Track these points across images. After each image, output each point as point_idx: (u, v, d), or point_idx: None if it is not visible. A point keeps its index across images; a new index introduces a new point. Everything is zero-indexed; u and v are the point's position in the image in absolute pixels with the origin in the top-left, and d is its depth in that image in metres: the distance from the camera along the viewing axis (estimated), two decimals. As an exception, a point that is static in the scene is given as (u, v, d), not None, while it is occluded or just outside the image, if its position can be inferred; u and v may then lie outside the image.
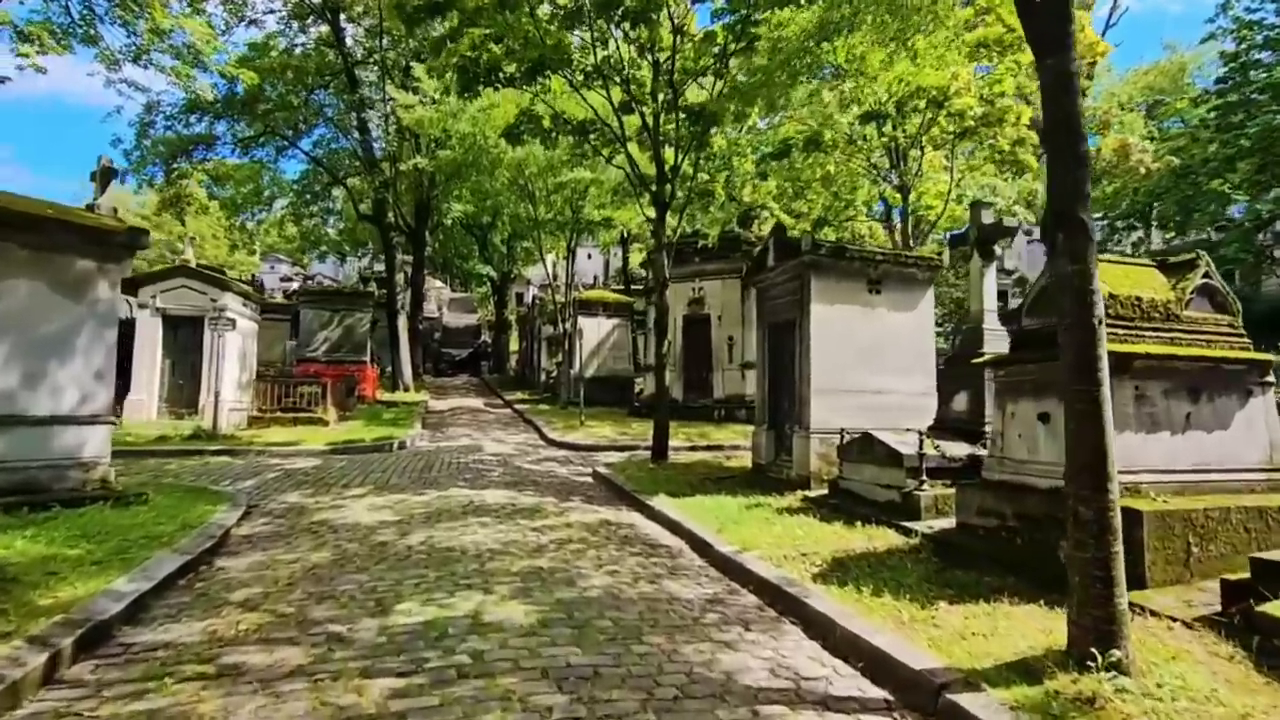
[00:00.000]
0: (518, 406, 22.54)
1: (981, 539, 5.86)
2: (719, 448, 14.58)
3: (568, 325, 21.75)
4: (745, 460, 11.77)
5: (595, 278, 38.48)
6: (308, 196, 29.74)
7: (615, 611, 4.55)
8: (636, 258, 42.00)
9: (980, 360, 6.47)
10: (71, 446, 6.65)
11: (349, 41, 25.78)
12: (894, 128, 12.33)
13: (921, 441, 6.99)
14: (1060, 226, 3.71)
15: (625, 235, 39.40)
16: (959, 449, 7.46)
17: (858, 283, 9.44)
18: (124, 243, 6.89)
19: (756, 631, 4.37)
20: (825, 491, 8.50)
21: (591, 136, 10.78)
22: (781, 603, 4.87)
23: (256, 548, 6.02)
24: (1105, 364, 3.65)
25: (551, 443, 15.02)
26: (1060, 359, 3.81)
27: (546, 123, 10.18)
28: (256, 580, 5.06)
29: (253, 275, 40.52)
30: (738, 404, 18.95)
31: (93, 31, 19.17)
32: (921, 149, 12.38)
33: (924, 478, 6.98)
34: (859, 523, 6.95)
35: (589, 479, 10.65)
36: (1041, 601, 4.59)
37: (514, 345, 44.81)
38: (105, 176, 7.12)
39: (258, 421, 14.83)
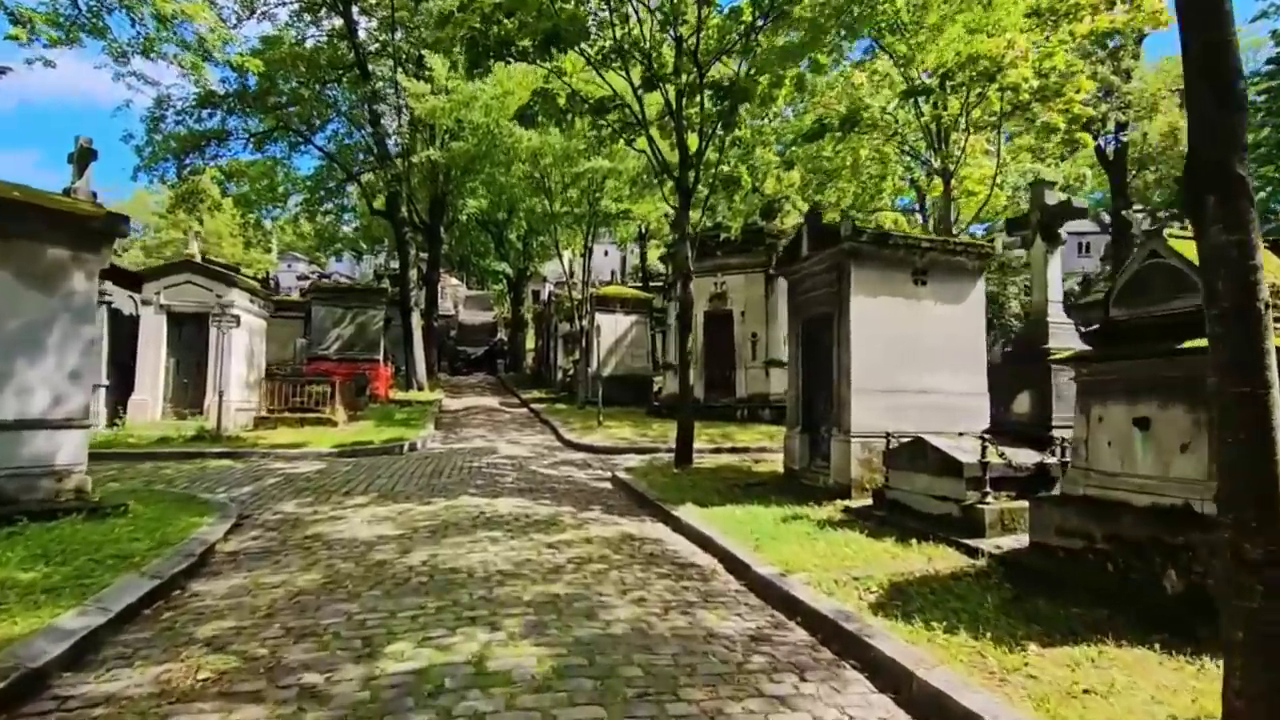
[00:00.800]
0: (534, 406, 21.92)
1: (1063, 563, 5.08)
2: (744, 450, 13.83)
3: (585, 322, 21.08)
4: (775, 465, 11.02)
5: (612, 273, 37.76)
6: (321, 193, 29.38)
7: (644, 654, 3.83)
8: (654, 254, 41.31)
9: (1060, 357, 5.66)
10: (42, 453, 6.08)
11: (361, 35, 25.35)
12: (936, 105, 11.45)
13: (984, 448, 6.19)
14: (1211, 185, 2.91)
15: (643, 230, 38.75)
16: (1025, 457, 6.65)
17: (901, 273, 8.64)
18: (101, 229, 6.31)
19: (814, 681, 3.64)
20: (869, 502, 7.72)
21: (610, 116, 10.06)
22: (838, 641, 4.13)
23: (240, 568, 5.39)
24: (1275, 360, 2.86)
25: (569, 444, 14.35)
26: (1211, 355, 3.01)
27: (562, 101, 9.47)
28: (232, 610, 4.41)
29: (267, 273, 40.37)
30: (761, 403, 18.17)
31: (100, 23, 18.90)
32: (967, 129, 11.49)
33: (987, 489, 6.19)
34: (913, 539, 6.18)
35: (609, 485, 9.95)
36: (1154, 645, 3.81)
37: (530, 343, 44.28)
38: (83, 158, 6.53)
39: (264, 422, 14.33)
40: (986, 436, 6.21)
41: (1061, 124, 10.71)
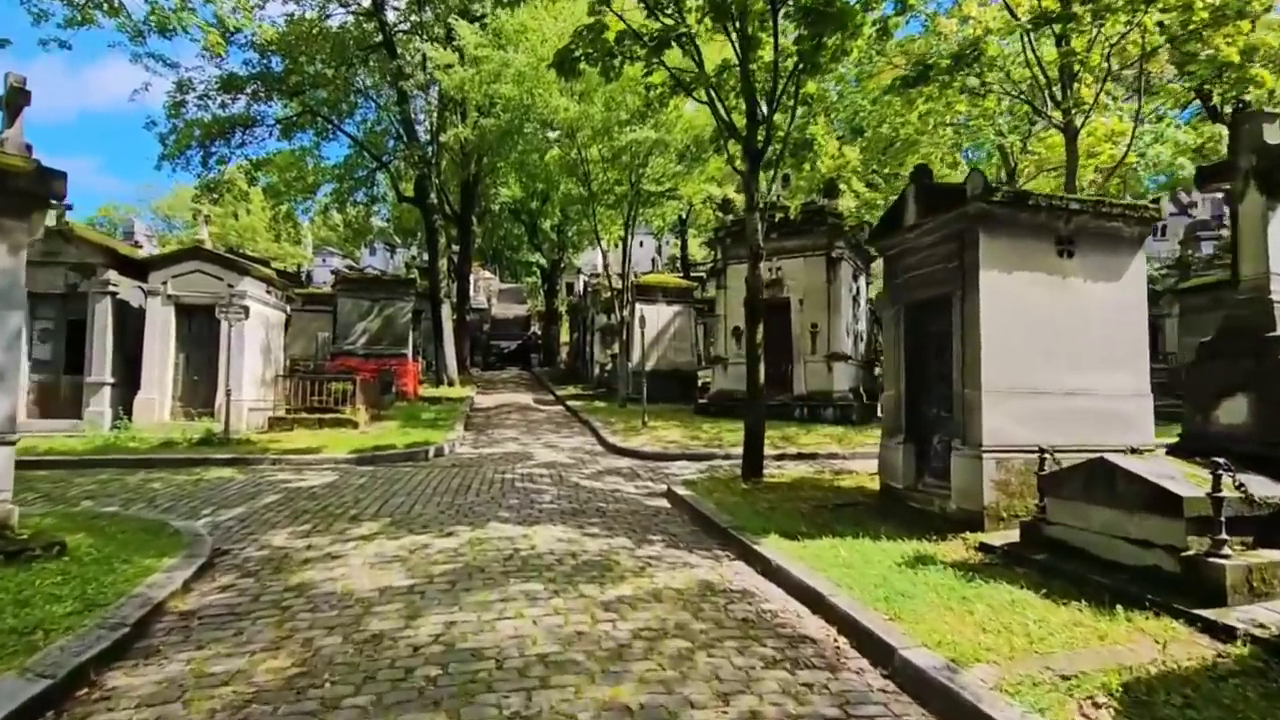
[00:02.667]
0: (570, 403, 20.44)
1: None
2: (812, 457, 12.10)
3: (625, 313, 19.46)
4: (862, 479, 9.26)
5: (653, 262, 35.99)
6: (351, 181, 28.39)
7: None
8: (695, 243, 39.52)
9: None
10: (-54, 479, 4.72)
11: (390, 16, 24.11)
12: (1064, 43, 9.44)
13: (1218, 476, 4.37)
14: None
15: (683, 217, 36.96)
16: (1263, 487, 4.81)
17: (1042, 242, 6.80)
18: (28, 189, 4.90)
19: None
20: (1012, 538, 5.95)
21: (669, 56, 8.37)
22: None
23: (187, 643, 3.92)
24: None
25: (612, 449, 12.78)
26: None
27: (610, 36, 7.81)
28: (142, 736, 2.91)
29: (298, 266, 39.86)
30: (823, 401, 16.33)
31: (114, 3, 17.91)
32: (1107, 74, 9.38)
33: (1223, 535, 4.37)
34: (1108, 603, 4.42)
35: (665, 503, 8.34)
36: None
37: (564, 337, 42.96)
38: (13, 100, 5.12)
39: (280, 423, 13.08)
40: (1222, 462, 4.40)
41: (1235, 57, 8.58)
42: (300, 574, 5.07)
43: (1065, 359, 6.72)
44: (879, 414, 18.53)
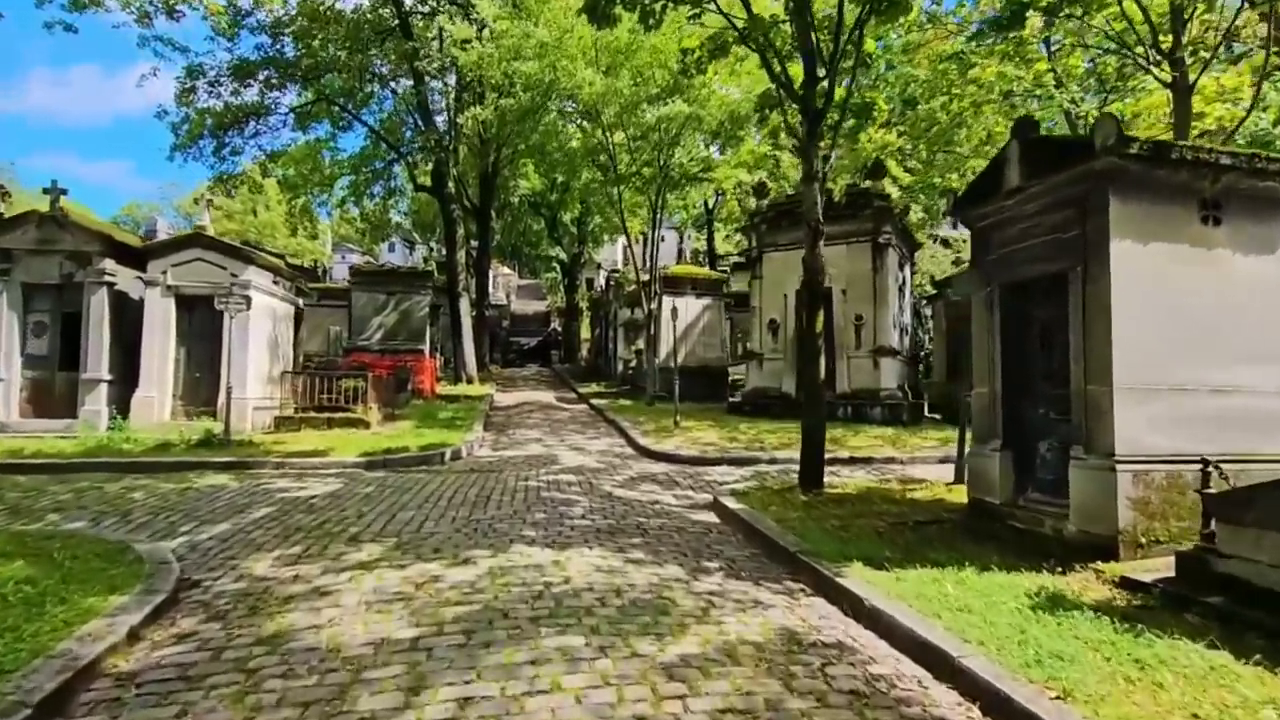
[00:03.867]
0: (594, 402, 19.38)
1: None
2: (866, 462, 10.92)
3: (653, 306, 18.34)
4: (936, 490, 8.09)
5: (680, 253, 34.76)
6: (367, 173, 27.61)
7: None
8: (719, 236, 38.28)
9: None
10: None
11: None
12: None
13: None
14: None
15: (709, 208, 35.74)
16: None
17: (1183, 208, 5.58)
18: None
19: None
20: (1164, 570, 4.76)
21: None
22: None
23: (109, 729, 2.89)
24: None
25: (644, 452, 11.68)
26: None
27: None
28: None
29: (315, 261, 39.29)
30: (869, 400, 15.08)
31: (119, -17, 17.15)
32: (1235, 17, 8.07)
33: None
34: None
35: (712, 516, 7.23)
36: None
37: (585, 333, 41.98)
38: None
39: (286, 423, 12.18)
40: None
41: None
42: (279, 618, 4.04)
43: (1213, 349, 5.49)
44: (928, 413, 17.36)
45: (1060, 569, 5.14)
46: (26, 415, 11.76)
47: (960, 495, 7.76)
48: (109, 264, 11.90)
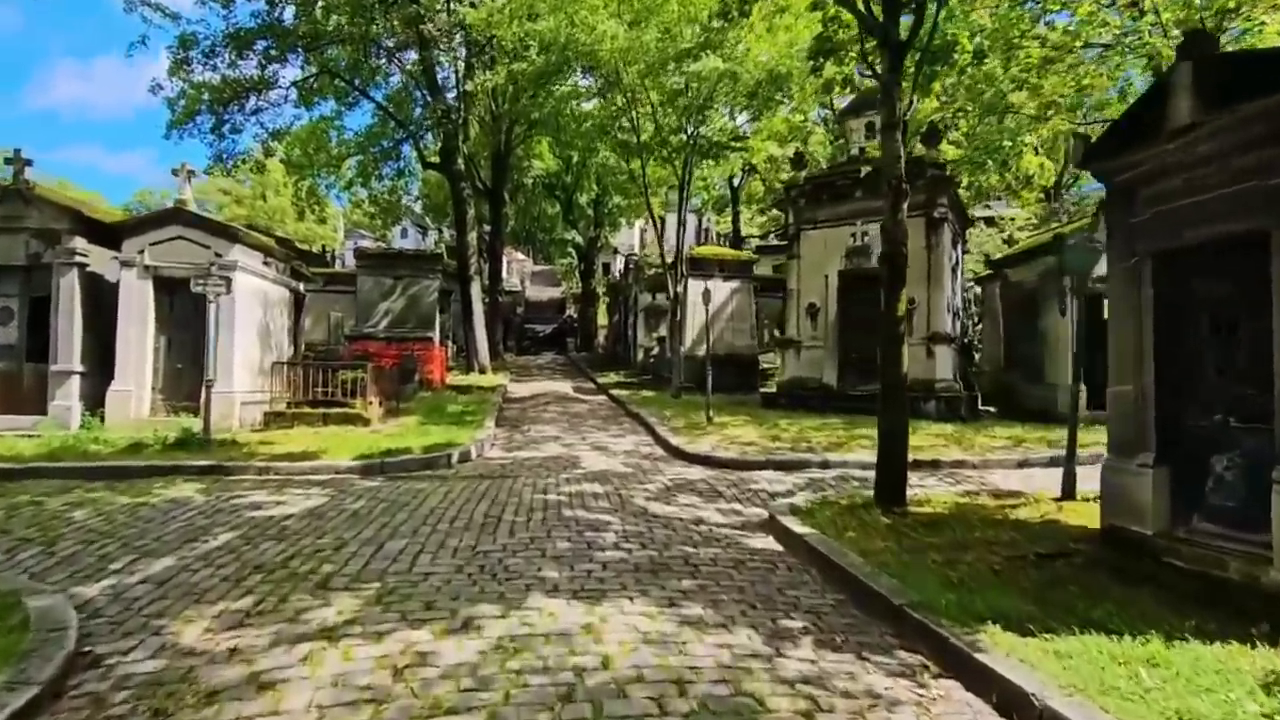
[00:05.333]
0: (615, 393, 18.05)
1: None
2: (933, 466, 9.54)
3: (679, 289, 16.90)
4: (1044, 508, 6.67)
5: (705, 234, 33.15)
6: (376, 153, 26.32)
7: None
8: (745, 217, 36.66)
9: None
10: None
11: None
12: None
13: None
14: None
15: (734, 186, 34.07)
16: None
17: None
18: None
19: None
20: None
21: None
22: None
23: None
24: None
25: (676, 453, 10.34)
26: None
27: None
28: None
29: (324, 247, 38.18)
30: (923, 393, 13.56)
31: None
32: None
33: None
34: None
35: (773, 541, 5.88)
36: None
37: (602, 319, 40.64)
38: None
39: (278, 420, 10.97)
40: None
41: None
42: (187, 734, 2.74)
43: None
44: (981, 406, 15.84)
45: (1266, 635, 3.75)
46: (-8, 411, 10.65)
47: (1077, 516, 6.35)
48: (79, 243, 10.70)
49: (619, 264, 45.97)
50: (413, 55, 21.84)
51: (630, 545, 5.49)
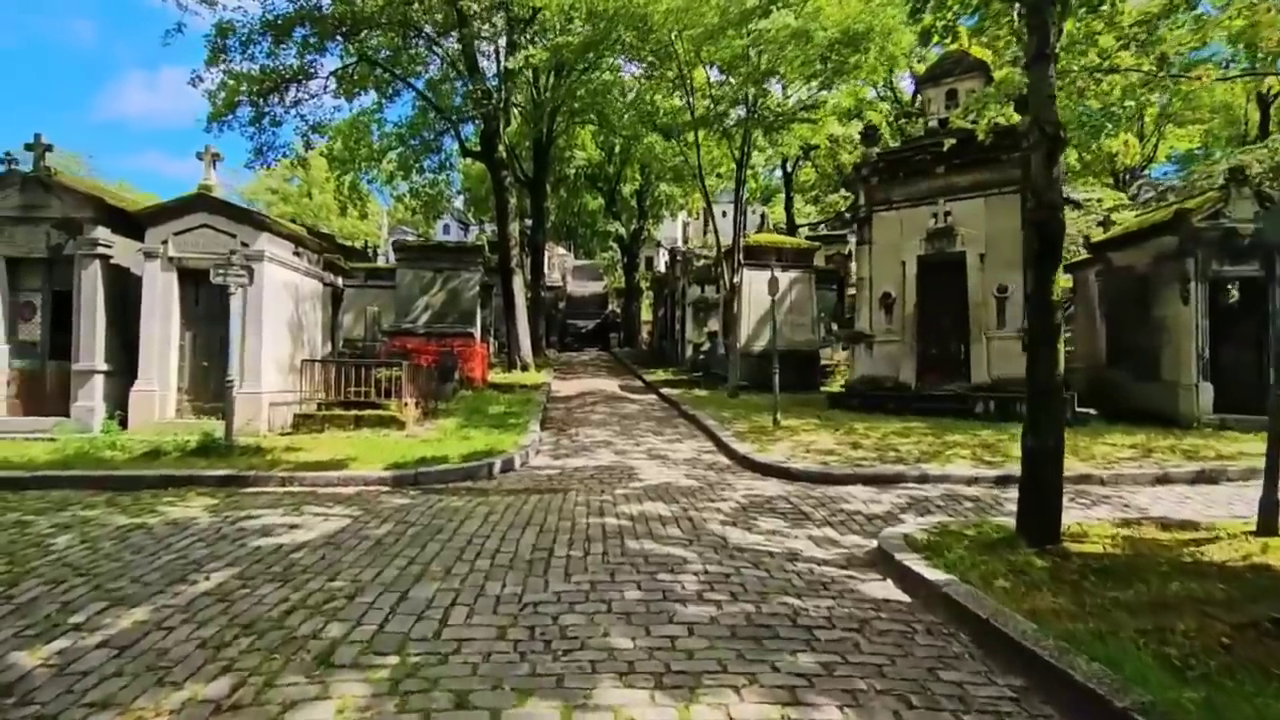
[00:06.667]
0: (665, 391, 16.87)
1: None
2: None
3: (735, 279, 15.58)
4: (1239, 544, 5.19)
5: (764, 220, 31.76)
6: (416, 145, 25.71)
7: None
8: (800, 201, 34.98)
9: None
10: None
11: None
12: None
13: None
14: None
15: (788, 171, 32.49)
16: None
17: None
18: None
19: None
20: None
21: None
22: None
23: None
24: None
25: (745, 462, 9.10)
26: None
27: None
28: None
29: (366, 242, 38.00)
30: (1019, 392, 11.94)
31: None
32: None
33: None
34: None
35: (894, 589, 4.62)
36: None
37: (646, 314, 39.51)
38: None
39: (307, 422, 10.14)
40: None
41: None
42: None
43: None
44: (1079, 408, 14.09)
45: None
46: (15, 412, 10.09)
47: (1291, 558, 4.89)
48: (102, 233, 10.04)
49: (663, 257, 44.78)
50: (453, 41, 21.07)
51: (718, 595, 4.30)
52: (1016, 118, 12.69)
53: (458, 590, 4.24)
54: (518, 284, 21.05)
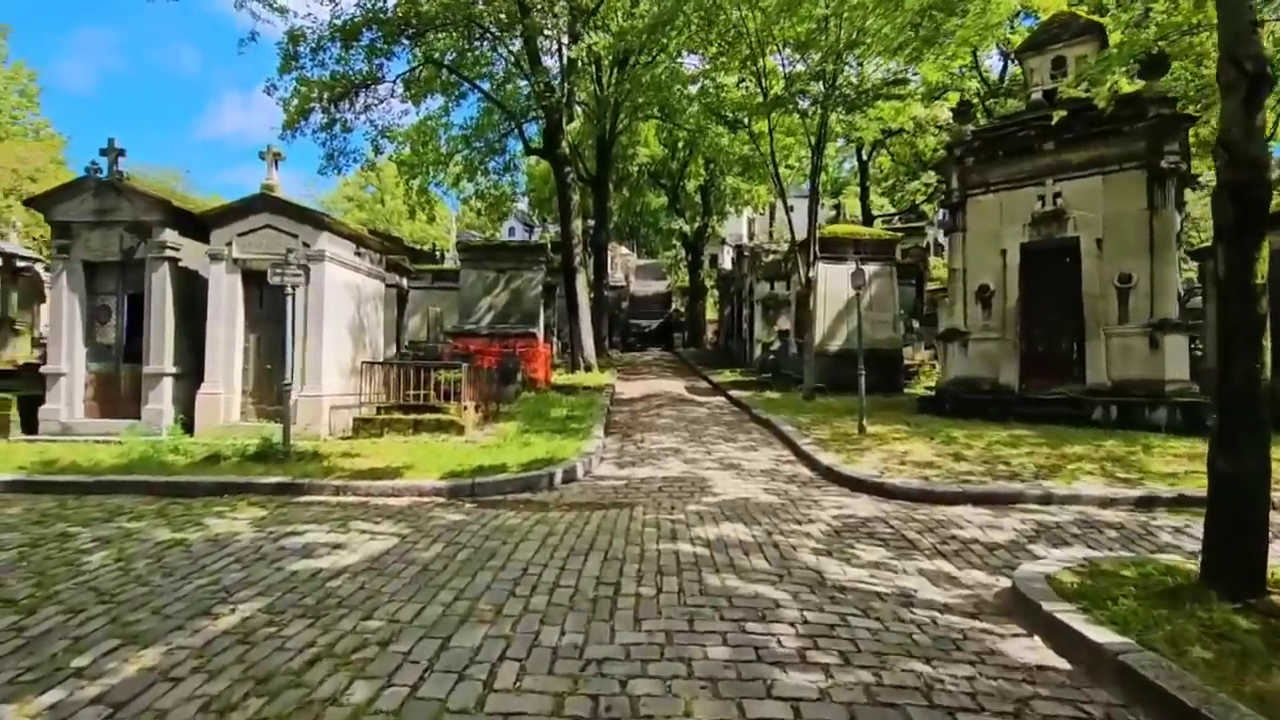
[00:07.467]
0: (734, 394, 15.96)
1: None
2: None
3: (811, 274, 14.52)
4: None
5: (840, 210, 30.35)
6: (480, 146, 25.73)
7: None
8: (871, 198, 33.23)
9: None
10: None
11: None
12: None
13: None
14: None
15: (863, 160, 30.85)
16: None
17: None
18: None
19: None
20: None
21: None
22: None
23: None
24: None
25: (830, 475, 8.14)
26: None
27: None
28: None
29: (432, 244, 38.60)
30: (1147, 397, 10.45)
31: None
32: None
33: None
34: None
35: (1047, 651, 3.66)
36: None
37: (710, 314, 38.51)
38: None
39: (366, 426, 9.83)
40: None
41: None
42: None
43: None
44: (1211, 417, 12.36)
45: None
46: (92, 414, 10.24)
47: None
48: (170, 235, 10.06)
49: (728, 255, 43.64)
50: (516, 39, 20.84)
51: (824, 656, 3.46)
52: (1136, 84, 11.18)
53: (508, 638, 3.57)
54: (581, 283, 20.58)
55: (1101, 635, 3.61)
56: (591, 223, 28.66)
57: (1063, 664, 3.57)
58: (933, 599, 4.42)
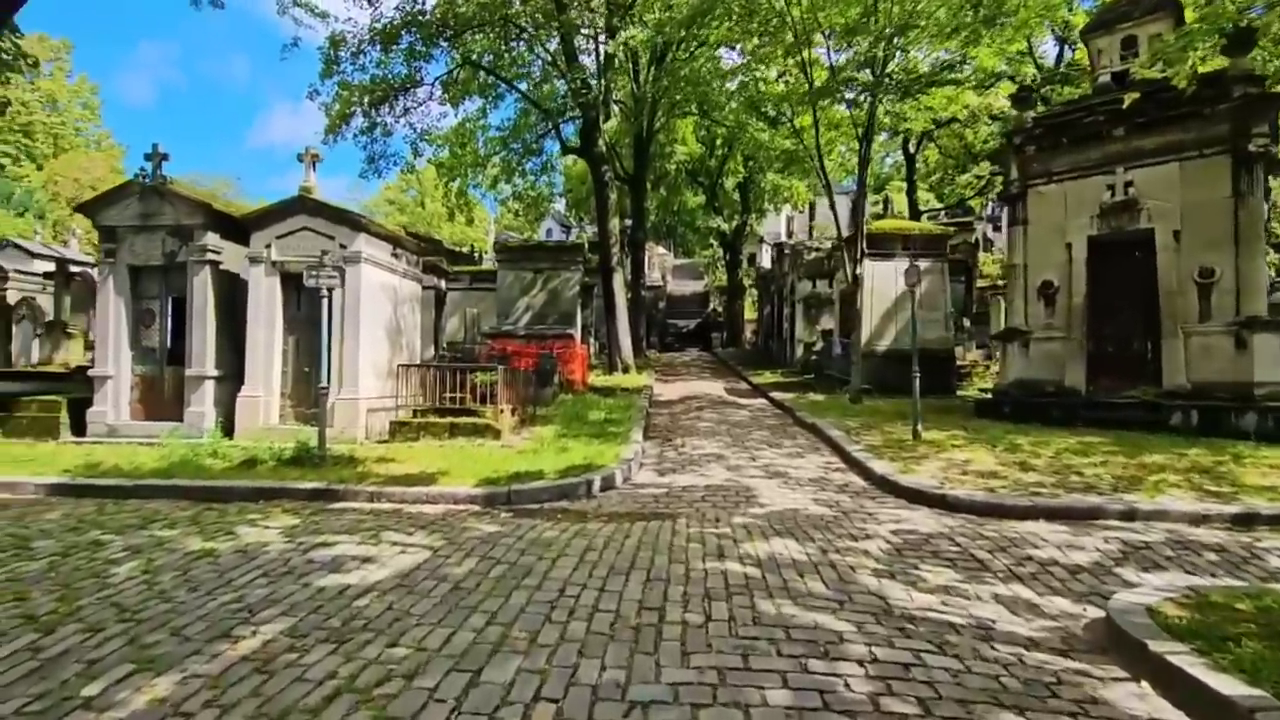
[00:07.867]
0: (775, 396, 15.45)
1: None
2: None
3: (858, 270, 13.93)
4: None
5: (888, 204, 29.57)
6: (517, 148, 25.73)
7: None
8: (923, 185, 32.18)
9: None
10: None
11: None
12: None
13: None
14: None
15: (910, 154, 29.84)
16: None
17: None
18: None
19: None
20: None
21: None
22: None
23: None
24: None
25: (885, 485, 7.64)
26: None
27: None
28: None
29: (472, 247, 38.86)
30: (1234, 401, 9.60)
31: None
32: None
33: None
34: None
35: (1166, 707, 3.14)
36: None
37: (749, 313, 37.86)
38: None
39: (402, 430, 9.69)
40: None
41: None
42: None
43: None
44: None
45: None
46: (137, 416, 10.36)
47: None
48: (211, 239, 10.10)
49: (766, 254, 42.92)
50: (553, 38, 20.70)
51: (900, 704, 3.04)
52: (1219, 62, 10.32)
53: (543, 673, 3.25)
54: (618, 283, 20.28)
55: (1228, 686, 3.10)
56: (629, 222, 28.39)
57: (1180, 718, 3.08)
58: (1014, 631, 3.94)
